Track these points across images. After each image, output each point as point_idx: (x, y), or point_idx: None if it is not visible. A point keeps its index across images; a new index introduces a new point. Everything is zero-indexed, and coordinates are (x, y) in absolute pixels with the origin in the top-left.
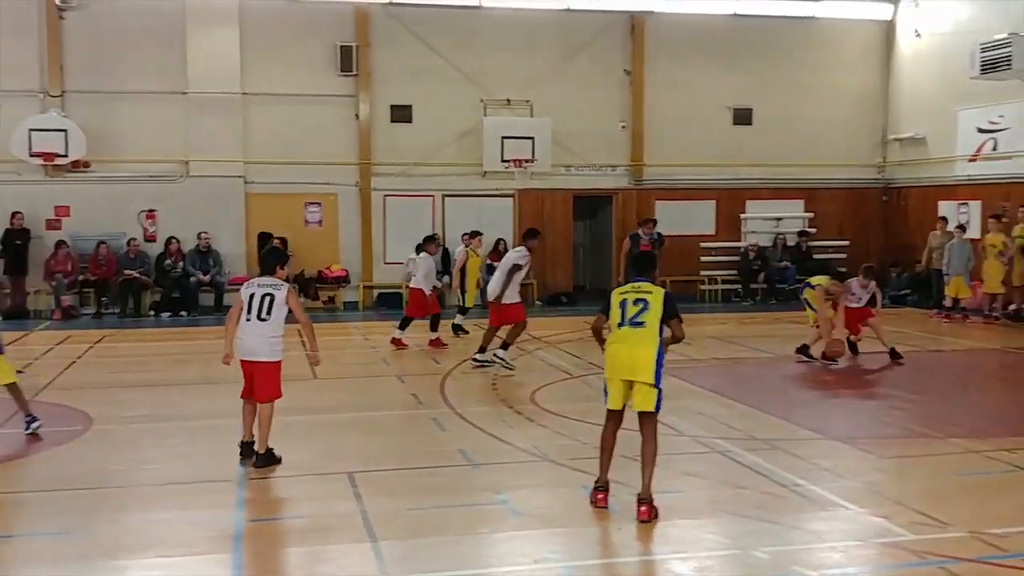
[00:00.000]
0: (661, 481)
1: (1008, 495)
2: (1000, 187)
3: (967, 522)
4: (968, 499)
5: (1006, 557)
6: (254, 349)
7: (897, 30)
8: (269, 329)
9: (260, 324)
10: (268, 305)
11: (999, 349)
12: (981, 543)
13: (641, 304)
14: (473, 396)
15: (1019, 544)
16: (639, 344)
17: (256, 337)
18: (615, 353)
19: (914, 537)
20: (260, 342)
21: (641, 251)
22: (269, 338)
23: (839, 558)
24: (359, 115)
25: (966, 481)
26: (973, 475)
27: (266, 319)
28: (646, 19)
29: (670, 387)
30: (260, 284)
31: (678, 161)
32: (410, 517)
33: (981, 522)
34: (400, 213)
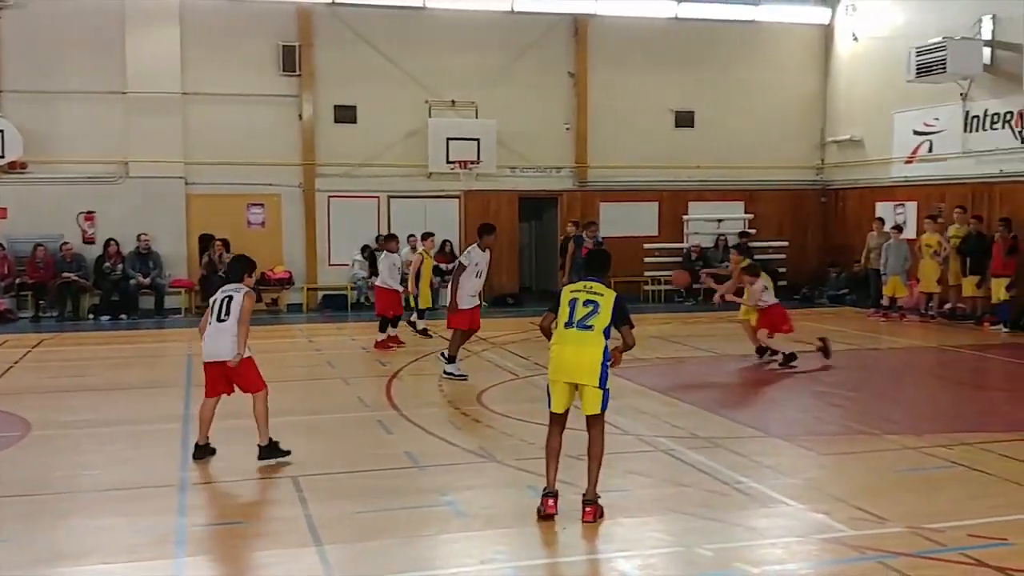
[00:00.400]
0: (606, 480)
1: (944, 490)
2: (935, 188)
3: (905, 517)
4: (905, 495)
5: (943, 551)
6: (216, 350)
7: (835, 34)
8: (227, 328)
9: (220, 325)
10: (227, 306)
11: (935, 347)
12: (919, 538)
13: (591, 306)
14: (419, 398)
15: (956, 538)
16: (584, 346)
17: (217, 338)
18: (559, 355)
19: (853, 532)
20: (221, 342)
21: (597, 249)
22: (229, 337)
23: (780, 554)
24: (302, 115)
25: (903, 477)
26: (910, 471)
27: (225, 319)
28: (589, 22)
29: (614, 386)
30: (224, 290)
31: (622, 163)
32: (356, 520)
33: (918, 517)
34: (345, 214)
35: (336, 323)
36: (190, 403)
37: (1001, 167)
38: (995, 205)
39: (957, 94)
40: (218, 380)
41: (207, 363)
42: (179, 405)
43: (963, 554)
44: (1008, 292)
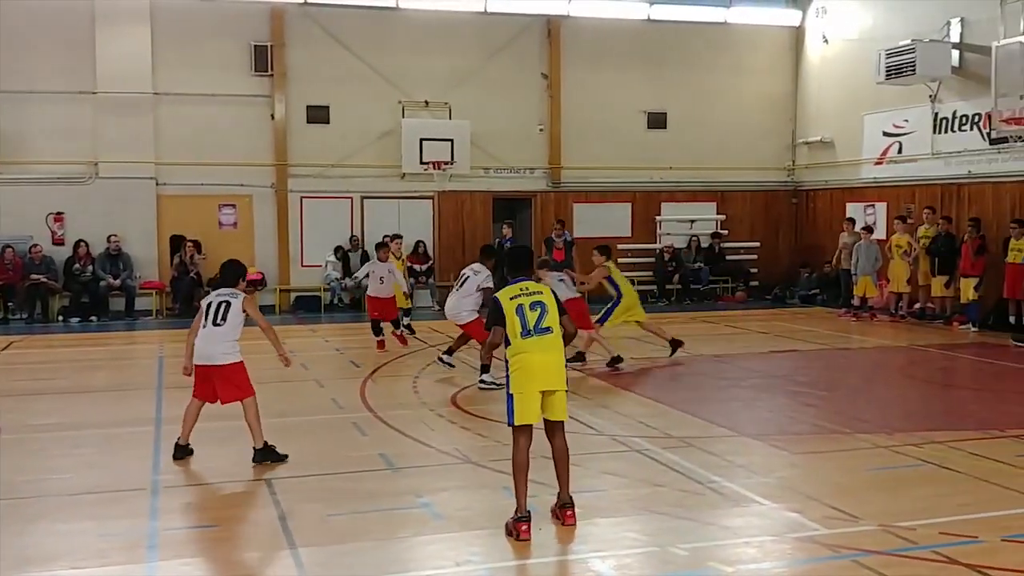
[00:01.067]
0: (580, 480)
1: (916, 488)
2: (905, 189)
3: (877, 515)
4: (878, 493)
5: (915, 549)
6: (210, 354)
7: (805, 36)
8: (222, 334)
9: (215, 329)
10: (224, 311)
11: (905, 347)
12: (891, 536)
13: (539, 308)
14: (394, 399)
15: (927, 536)
16: (552, 351)
17: (211, 342)
18: (530, 364)
19: (827, 531)
20: (215, 346)
21: (514, 247)
22: (223, 342)
23: (754, 553)
24: (274, 115)
25: (875, 476)
26: (882, 470)
27: (221, 324)
28: (562, 23)
29: (589, 387)
30: (219, 294)
31: (595, 164)
32: (330, 523)
33: (891, 515)
34: (318, 215)
35: (309, 325)
36: (162, 406)
37: (969, 168)
38: (964, 206)
39: (926, 96)
40: (207, 383)
41: (198, 365)
42: (150, 408)
43: (935, 552)
44: (976, 292)
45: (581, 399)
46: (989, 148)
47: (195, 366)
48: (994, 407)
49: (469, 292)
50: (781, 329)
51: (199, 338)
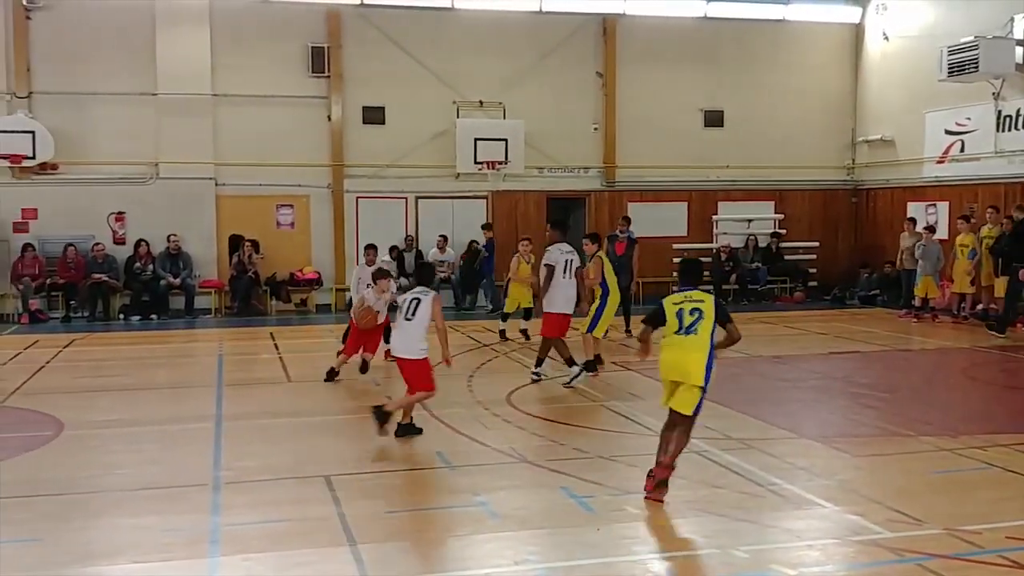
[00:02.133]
0: (639, 481)
1: (980, 492)
2: (968, 188)
3: (942, 519)
4: (942, 496)
5: (981, 553)
6: (400, 347)
7: (865, 33)
8: (412, 328)
9: (405, 324)
10: (414, 308)
11: (968, 348)
12: (956, 539)
13: (697, 314)
14: (449, 398)
15: (993, 540)
16: (690, 350)
17: (402, 336)
18: (667, 358)
19: (890, 535)
20: (405, 341)
21: (688, 260)
22: (413, 338)
23: (817, 556)
24: (331, 116)
25: (939, 479)
26: (946, 472)
27: (411, 319)
28: (617, 21)
29: (646, 387)
30: (413, 292)
31: (650, 163)
32: (388, 520)
33: (955, 519)
34: (373, 215)
35: None
36: (221, 403)
37: None
38: None
39: (989, 93)
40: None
41: (396, 357)
42: (210, 405)
43: (1001, 556)
44: None
45: (638, 400)
46: None
47: (394, 358)
48: None
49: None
50: (840, 330)
51: (395, 333)
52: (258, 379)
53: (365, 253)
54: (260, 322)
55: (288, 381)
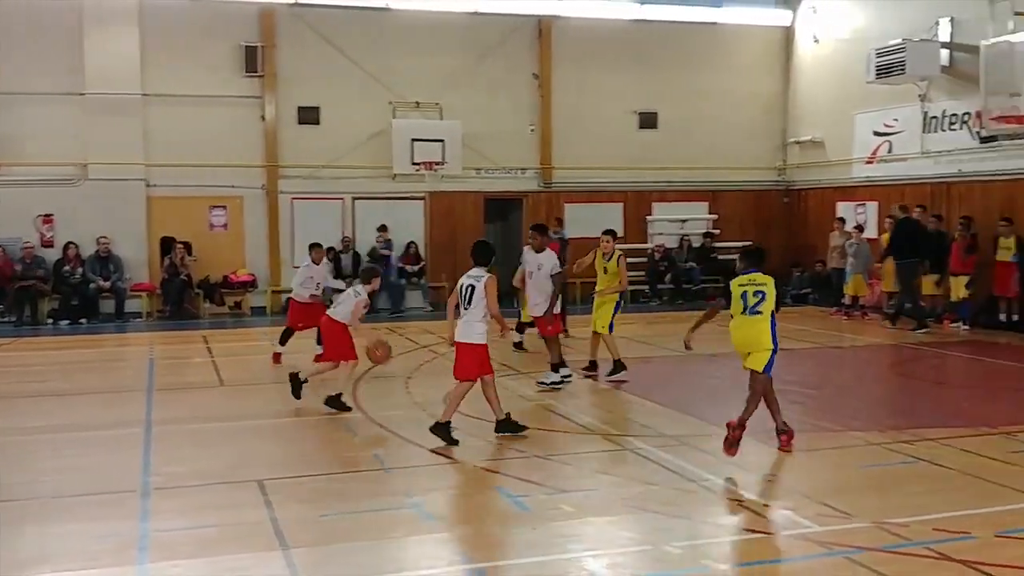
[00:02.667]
0: (573, 480)
1: (908, 485)
2: (895, 188)
3: (870, 512)
4: (870, 490)
5: (908, 545)
6: (462, 334)
7: (796, 36)
8: (471, 315)
9: (464, 312)
10: (469, 295)
11: (896, 345)
12: (884, 532)
13: (760, 296)
14: (386, 399)
15: (920, 532)
16: (753, 326)
17: (463, 323)
18: (737, 337)
19: (820, 528)
20: (465, 329)
21: (752, 245)
22: (473, 323)
23: (748, 551)
24: (265, 117)
25: (868, 473)
26: (874, 467)
27: (467, 308)
28: (553, 23)
29: (583, 387)
30: (468, 276)
31: (586, 164)
32: (322, 524)
33: (883, 512)
34: (308, 216)
35: None
36: (152, 408)
37: (959, 167)
38: (954, 204)
39: (916, 95)
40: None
41: (456, 343)
42: (140, 410)
43: (928, 548)
44: (967, 290)
45: (575, 400)
46: (979, 147)
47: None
48: (985, 404)
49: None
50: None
51: (459, 320)
52: (190, 383)
53: (313, 252)
54: (193, 325)
55: (221, 385)
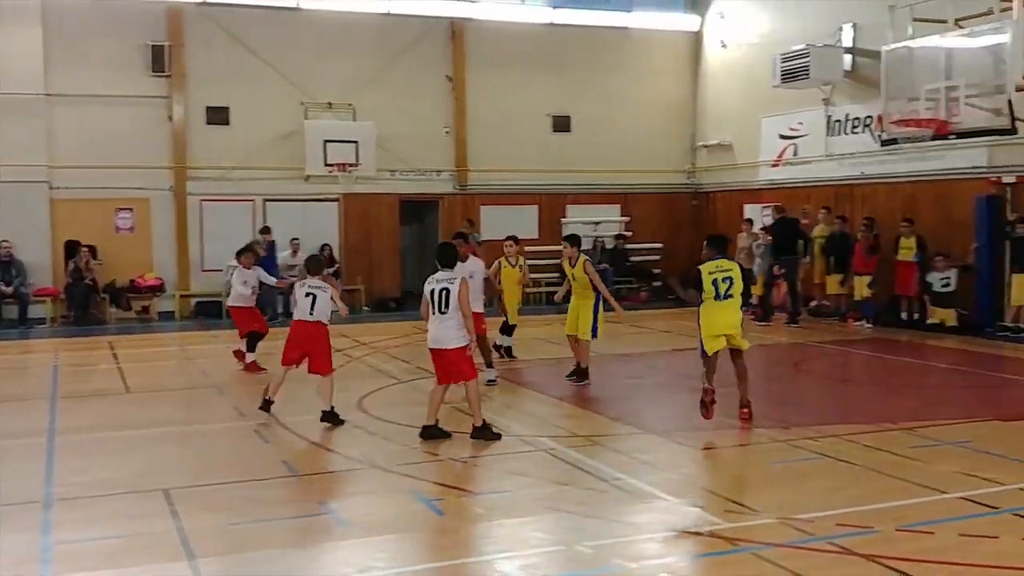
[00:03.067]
0: (486, 482)
1: (812, 481)
2: (801, 190)
3: (776, 508)
4: (776, 486)
5: (813, 540)
6: (440, 339)
7: (704, 41)
8: (448, 319)
9: (442, 317)
10: (445, 299)
11: (802, 343)
12: (789, 528)
13: (728, 281)
14: (298, 405)
15: (824, 528)
16: (731, 310)
17: (441, 328)
18: (716, 320)
19: (727, 525)
20: (444, 333)
21: (715, 234)
22: (452, 328)
23: (657, 548)
24: (172, 117)
25: (774, 469)
26: (780, 463)
27: (445, 311)
28: (465, 25)
29: (496, 389)
30: (438, 280)
31: (501, 166)
32: (231, 532)
33: (789, 508)
34: (218, 218)
35: (211, 331)
36: (56, 416)
37: (862, 169)
38: (857, 206)
39: (820, 99)
40: (439, 368)
41: (431, 350)
42: (43, 418)
43: (831, 543)
44: (870, 289)
45: (490, 401)
46: (880, 150)
47: (430, 351)
48: (887, 401)
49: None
50: (683, 328)
51: (431, 325)
52: (95, 390)
53: (243, 257)
54: (99, 331)
55: (127, 392)
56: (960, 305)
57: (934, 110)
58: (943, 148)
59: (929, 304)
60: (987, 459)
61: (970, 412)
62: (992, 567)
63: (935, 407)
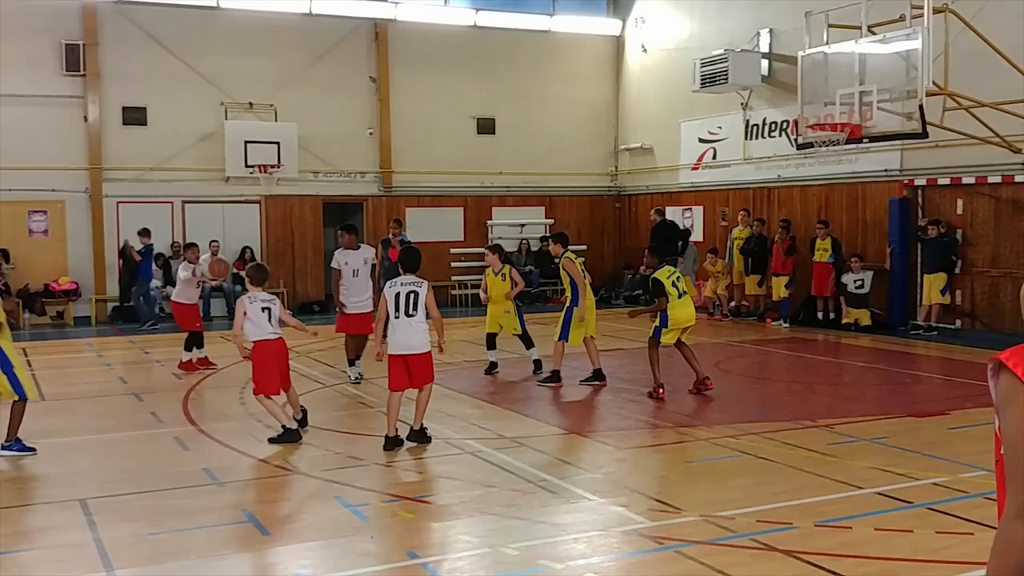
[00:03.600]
0: (413, 485)
1: (734, 479)
2: (720, 193)
3: (699, 506)
4: (699, 484)
5: (735, 537)
6: (409, 343)
7: (626, 45)
8: (418, 323)
9: (410, 320)
10: (414, 301)
11: (722, 343)
12: (712, 526)
13: (680, 280)
14: (219, 411)
15: (746, 525)
16: (691, 304)
17: (409, 332)
18: (682, 314)
19: (652, 524)
20: (414, 336)
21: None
22: (420, 331)
23: (583, 549)
24: (88, 117)
25: (697, 467)
26: (703, 461)
27: (414, 314)
28: (389, 27)
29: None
30: (402, 283)
31: (427, 168)
32: (150, 543)
33: (711, 506)
34: (136, 221)
35: (128, 336)
36: None
37: (779, 173)
38: (774, 208)
39: (739, 104)
40: (402, 373)
41: (394, 356)
42: None
43: (753, 539)
44: (787, 290)
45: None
46: (796, 153)
47: (392, 356)
48: (805, 398)
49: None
50: (606, 329)
51: (397, 329)
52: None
53: (188, 252)
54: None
55: (42, 400)
56: (874, 305)
57: (848, 114)
58: (857, 152)
59: (844, 304)
60: (901, 455)
61: (885, 409)
62: (907, 560)
63: (851, 404)
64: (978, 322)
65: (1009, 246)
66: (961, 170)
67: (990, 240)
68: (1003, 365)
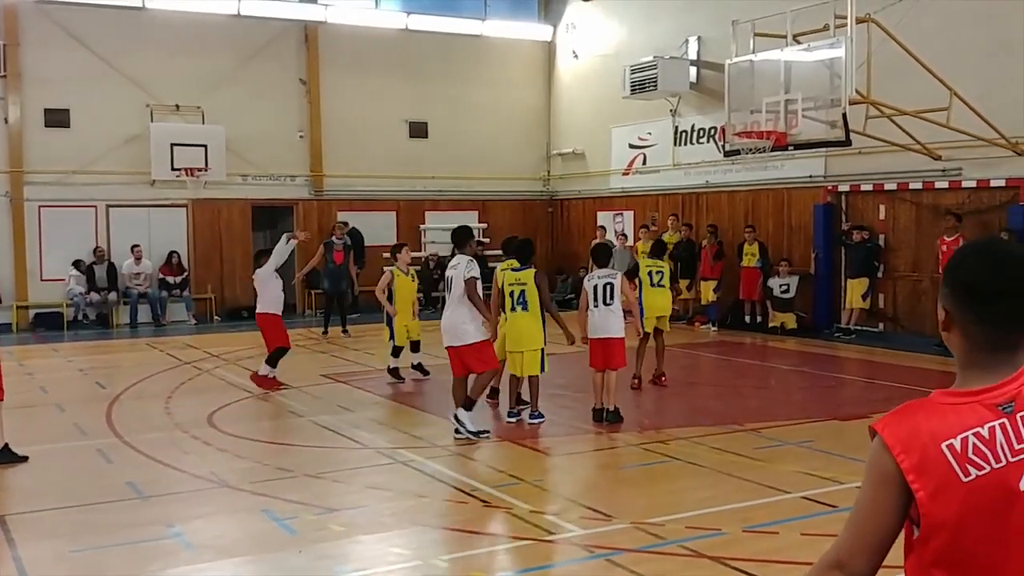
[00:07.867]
0: (344, 497)
1: (663, 484)
2: (650, 198)
3: (629, 513)
4: (630, 490)
5: (664, 544)
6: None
7: (557, 51)
8: (615, 311)
9: (607, 308)
10: (611, 291)
11: (652, 347)
12: (642, 532)
13: (660, 274)
14: (144, 423)
15: (674, 531)
16: (665, 296)
17: (607, 319)
18: (654, 302)
19: (582, 531)
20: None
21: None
22: (615, 318)
23: (513, 558)
24: (8, 119)
25: (626, 473)
26: (632, 467)
27: (611, 303)
28: (319, 29)
29: (355, 400)
30: (600, 276)
31: (358, 172)
32: (71, 560)
33: (641, 512)
34: (58, 225)
35: (51, 344)
36: None
37: (707, 178)
38: (703, 213)
39: (667, 110)
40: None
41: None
42: None
43: (681, 546)
44: (715, 294)
45: (347, 413)
46: (723, 160)
47: (592, 340)
48: (733, 402)
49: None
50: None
51: (598, 316)
52: None
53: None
54: None
55: None
56: (799, 309)
57: (774, 122)
58: (783, 158)
59: (771, 308)
60: (826, 458)
61: (809, 412)
62: None
63: (777, 408)
64: (900, 326)
65: (930, 251)
66: (883, 176)
67: (911, 245)
68: (874, 431)
